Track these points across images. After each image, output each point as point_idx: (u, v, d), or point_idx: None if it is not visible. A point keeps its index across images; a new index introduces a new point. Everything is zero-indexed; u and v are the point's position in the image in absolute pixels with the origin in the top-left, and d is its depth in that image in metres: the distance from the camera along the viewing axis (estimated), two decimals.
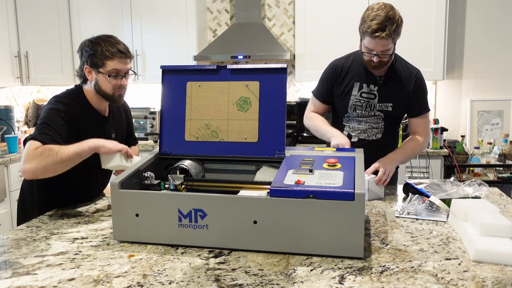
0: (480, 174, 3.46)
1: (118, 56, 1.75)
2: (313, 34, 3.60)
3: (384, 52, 1.89)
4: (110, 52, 1.73)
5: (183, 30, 3.79)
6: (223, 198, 1.30)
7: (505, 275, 1.13)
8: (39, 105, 4.20)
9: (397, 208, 1.66)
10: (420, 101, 2.06)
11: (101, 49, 1.74)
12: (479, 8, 3.69)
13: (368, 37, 1.86)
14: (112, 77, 1.75)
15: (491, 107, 3.75)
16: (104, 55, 1.73)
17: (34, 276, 1.18)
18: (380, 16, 1.82)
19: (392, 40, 1.87)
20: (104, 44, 1.75)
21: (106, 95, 1.79)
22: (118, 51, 1.75)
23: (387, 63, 1.96)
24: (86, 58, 1.77)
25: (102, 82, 1.76)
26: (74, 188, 1.85)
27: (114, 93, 1.79)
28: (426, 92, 2.08)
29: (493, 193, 1.89)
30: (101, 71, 1.75)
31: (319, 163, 1.47)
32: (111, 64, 1.74)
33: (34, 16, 3.96)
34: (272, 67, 1.59)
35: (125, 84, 1.82)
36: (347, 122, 2.13)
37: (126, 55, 1.77)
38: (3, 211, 3.20)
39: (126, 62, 1.79)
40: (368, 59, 1.94)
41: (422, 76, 2.08)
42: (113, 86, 1.77)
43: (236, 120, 1.60)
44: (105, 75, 1.75)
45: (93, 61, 1.75)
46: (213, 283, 1.11)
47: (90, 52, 1.75)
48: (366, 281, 1.11)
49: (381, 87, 2.03)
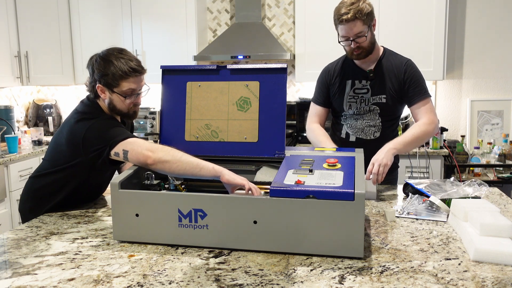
0: (480, 174, 3.46)
1: (133, 75, 1.68)
2: (313, 34, 3.60)
3: (358, 35, 1.94)
4: (124, 72, 1.66)
5: (183, 30, 3.79)
6: (223, 198, 1.30)
7: (505, 275, 1.13)
8: (39, 105, 4.20)
9: (397, 208, 1.66)
10: (415, 87, 2.03)
11: (114, 69, 1.66)
12: (479, 8, 3.69)
13: (339, 25, 1.95)
14: (127, 97, 1.70)
15: (491, 107, 3.75)
16: (119, 75, 1.66)
17: (34, 276, 1.18)
18: (346, 2, 1.93)
19: (362, 22, 1.91)
20: (116, 62, 1.66)
21: (121, 113, 1.75)
22: (132, 70, 1.67)
23: (369, 50, 2.00)
24: (98, 77, 1.69)
25: (117, 101, 1.71)
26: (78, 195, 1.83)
27: (129, 110, 1.75)
28: (421, 77, 2.06)
29: (493, 193, 1.89)
30: (116, 91, 1.69)
31: (319, 163, 1.47)
32: (126, 85, 1.68)
33: (34, 16, 3.96)
34: (272, 67, 1.59)
35: (140, 101, 1.78)
36: (344, 121, 2.15)
37: (140, 72, 1.71)
38: (3, 211, 3.20)
39: (141, 79, 1.73)
40: (348, 48, 2.01)
41: (414, 63, 2.08)
42: (128, 105, 1.73)
43: (236, 120, 1.60)
44: (120, 95, 1.69)
45: (106, 81, 1.67)
46: (213, 283, 1.11)
47: (103, 72, 1.67)
48: (366, 281, 1.11)
49: (372, 80, 2.06)
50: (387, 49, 2.12)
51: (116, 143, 1.58)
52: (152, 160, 1.51)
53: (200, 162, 1.48)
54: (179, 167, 1.49)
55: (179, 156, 1.50)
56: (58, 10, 3.94)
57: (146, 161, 1.52)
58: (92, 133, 1.63)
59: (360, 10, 1.89)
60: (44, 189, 1.77)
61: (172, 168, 1.50)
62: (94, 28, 3.92)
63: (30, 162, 3.43)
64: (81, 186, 1.77)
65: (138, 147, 1.55)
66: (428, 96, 2.04)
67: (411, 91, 2.03)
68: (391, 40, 3.41)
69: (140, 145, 1.55)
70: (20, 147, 3.60)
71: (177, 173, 1.51)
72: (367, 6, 1.93)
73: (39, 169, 1.82)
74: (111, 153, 1.59)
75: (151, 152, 1.52)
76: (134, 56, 1.73)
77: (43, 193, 1.77)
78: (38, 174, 1.81)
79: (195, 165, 1.48)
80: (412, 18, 3.44)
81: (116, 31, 3.87)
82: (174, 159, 1.49)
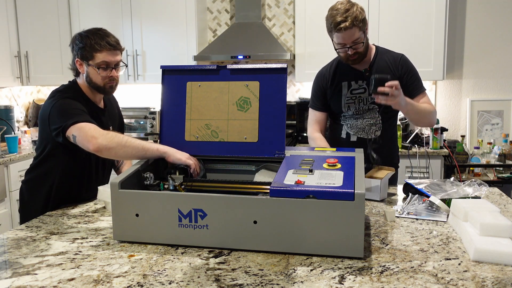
0: (480, 174, 3.46)
1: (107, 48, 1.77)
2: (313, 34, 3.59)
3: (355, 41, 1.94)
4: (99, 45, 1.76)
5: (183, 30, 3.79)
6: (223, 198, 1.30)
7: (505, 275, 1.13)
8: (39, 105, 4.20)
9: (397, 208, 1.66)
10: (413, 81, 2.06)
11: (90, 42, 1.76)
12: (479, 8, 3.69)
13: (335, 33, 1.94)
14: (102, 69, 1.78)
15: (491, 107, 3.75)
16: (93, 48, 1.76)
17: (34, 276, 1.18)
18: (340, 9, 1.91)
19: (358, 29, 1.92)
20: (93, 37, 1.77)
21: (97, 87, 1.82)
22: (107, 43, 1.77)
23: (364, 54, 2.01)
24: (76, 51, 1.80)
25: (93, 74, 1.79)
26: (74, 188, 1.85)
27: (105, 84, 1.82)
28: (417, 71, 2.09)
29: (493, 193, 1.89)
30: (91, 64, 1.78)
31: (319, 163, 1.47)
32: (100, 57, 1.77)
33: (34, 16, 3.96)
34: (272, 67, 1.59)
35: (115, 75, 1.84)
36: (344, 121, 2.15)
37: (115, 47, 1.80)
38: (3, 211, 3.20)
39: (116, 54, 1.81)
40: (344, 54, 2.00)
41: (407, 58, 2.10)
42: (103, 78, 1.80)
43: (236, 120, 1.60)
44: (95, 67, 1.78)
45: (83, 54, 1.78)
46: (213, 283, 1.11)
47: (80, 45, 1.78)
48: (366, 281, 1.11)
49: (369, 79, 2.05)
50: (379, 47, 2.13)
51: (68, 126, 1.64)
52: (97, 147, 1.57)
53: (145, 145, 1.56)
54: (125, 152, 1.57)
55: (124, 141, 1.57)
56: (58, 10, 3.94)
57: (89, 147, 1.58)
58: (54, 111, 1.71)
59: (356, 17, 1.89)
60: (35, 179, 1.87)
61: (118, 154, 1.59)
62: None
63: (30, 162, 3.40)
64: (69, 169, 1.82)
65: (84, 133, 1.60)
66: (424, 90, 2.09)
67: (410, 85, 2.05)
68: (391, 40, 3.42)
69: (86, 131, 1.60)
70: (20, 147, 3.60)
71: (124, 158, 1.61)
72: (361, 11, 1.93)
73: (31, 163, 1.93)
74: (66, 135, 1.66)
75: (95, 139, 1.57)
76: (112, 34, 1.83)
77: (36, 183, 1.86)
78: (30, 168, 1.92)
79: (140, 149, 1.56)
80: (412, 18, 3.43)
81: (116, 31, 3.84)
82: (119, 145, 1.57)
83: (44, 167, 1.85)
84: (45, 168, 1.84)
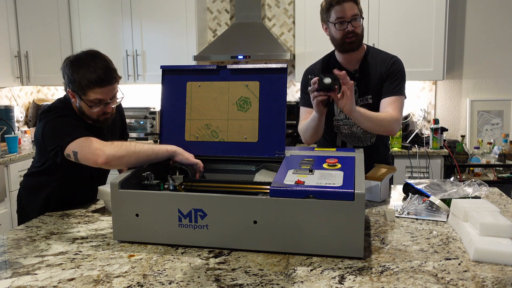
0: (480, 174, 3.46)
1: (99, 86, 1.60)
2: (313, 34, 3.59)
3: (354, 17, 1.90)
4: (90, 81, 1.59)
5: (183, 30, 3.79)
6: (223, 198, 1.30)
7: (505, 275, 1.13)
8: (39, 105, 4.20)
9: (397, 208, 1.66)
10: (392, 82, 1.97)
11: (80, 77, 1.59)
12: (479, 8, 3.69)
13: (335, 6, 1.89)
14: (95, 105, 1.65)
15: (491, 107, 3.75)
16: (84, 84, 1.59)
17: (34, 276, 1.18)
18: None
19: (356, 6, 1.91)
20: (83, 70, 1.59)
21: (91, 119, 1.71)
22: (99, 79, 1.59)
23: (361, 39, 1.95)
24: (67, 82, 1.65)
25: (85, 108, 1.66)
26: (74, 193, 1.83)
27: (98, 118, 1.70)
28: (403, 76, 2.00)
29: (493, 193, 1.89)
30: (83, 99, 1.64)
31: (319, 163, 1.47)
32: (92, 95, 1.62)
33: (34, 16, 3.96)
34: (272, 67, 1.59)
35: (110, 110, 1.70)
36: (338, 129, 2.10)
37: (109, 82, 1.63)
38: (3, 211, 3.20)
39: (109, 89, 1.64)
40: (342, 33, 1.92)
41: (400, 61, 2.02)
42: (97, 113, 1.68)
43: (236, 120, 1.60)
44: (87, 104, 1.64)
45: (73, 88, 1.63)
46: (213, 283, 1.11)
47: (70, 78, 1.63)
48: (366, 281, 1.11)
49: (359, 81, 2.00)
50: (370, 47, 2.08)
51: (66, 144, 1.55)
52: (105, 158, 1.48)
53: (154, 147, 1.51)
54: (137, 158, 1.49)
55: (133, 147, 1.50)
56: (58, 10, 3.94)
57: (97, 160, 1.49)
58: (47, 133, 1.62)
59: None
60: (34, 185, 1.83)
61: (130, 161, 1.50)
62: (94, 28, 3.92)
63: (30, 162, 3.39)
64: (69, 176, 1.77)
65: (87, 147, 1.51)
66: (401, 95, 1.98)
67: (389, 84, 1.97)
68: (391, 40, 3.42)
69: (88, 145, 1.51)
70: (20, 147, 3.60)
71: (136, 165, 1.50)
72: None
73: (30, 167, 1.89)
74: (64, 154, 1.57)
75: (101, 151, 1.49)
76: (106, 63, 1.64)
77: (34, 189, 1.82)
78: (29, 173, 1.88)
79: (151, 152, 1.50)
80: (412, 18, 3.44)
81: (116, 31, 3.86)
82: (129, 152, 1.48)
83: (43, 175, 1.79)
84: (45, 175, 1.78)
